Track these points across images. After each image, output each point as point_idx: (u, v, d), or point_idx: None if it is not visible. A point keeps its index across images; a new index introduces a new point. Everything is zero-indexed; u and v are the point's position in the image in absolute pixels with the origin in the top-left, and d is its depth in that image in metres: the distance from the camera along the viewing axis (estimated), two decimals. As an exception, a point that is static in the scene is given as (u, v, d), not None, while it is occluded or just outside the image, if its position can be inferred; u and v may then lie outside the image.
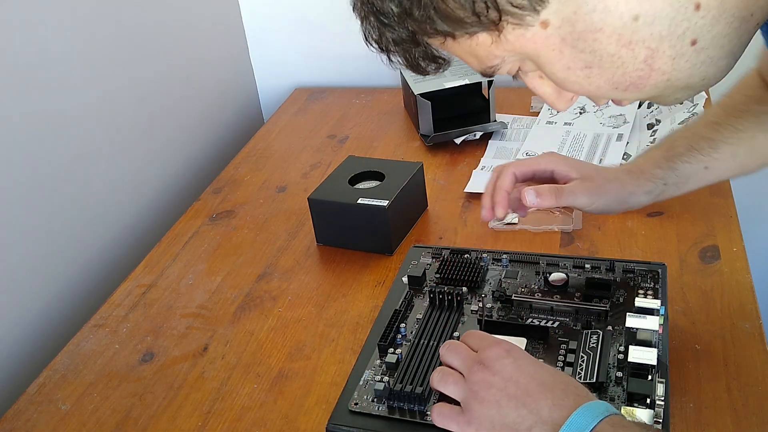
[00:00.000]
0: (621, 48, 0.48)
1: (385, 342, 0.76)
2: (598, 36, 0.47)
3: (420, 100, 1.22)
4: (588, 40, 0.48)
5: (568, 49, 0.49)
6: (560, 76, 0.51)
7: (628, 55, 0.48)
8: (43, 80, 0.98)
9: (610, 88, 0.51)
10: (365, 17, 0.53)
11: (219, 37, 1.46)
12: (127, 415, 0.78)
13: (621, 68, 0.49)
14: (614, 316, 0.76)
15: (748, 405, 0.70)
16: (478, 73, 0.55)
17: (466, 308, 0.80)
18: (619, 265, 0.82)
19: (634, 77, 0.50)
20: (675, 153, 0.79)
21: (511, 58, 0.52)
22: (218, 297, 0.95)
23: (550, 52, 0.50)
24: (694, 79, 0.51)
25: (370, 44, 0.54)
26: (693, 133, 0.79)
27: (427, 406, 0.69)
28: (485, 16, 0.47)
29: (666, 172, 0.79)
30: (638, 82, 0.50)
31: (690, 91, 0.53)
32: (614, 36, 0.47)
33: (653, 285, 0.79)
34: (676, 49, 0.48)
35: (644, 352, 0.68)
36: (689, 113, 1.10)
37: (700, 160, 0.78)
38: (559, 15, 0.47)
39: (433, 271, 0.86)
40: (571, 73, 0.51)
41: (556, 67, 0.51)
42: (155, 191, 1.24)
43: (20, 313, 0.95)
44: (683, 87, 0.52)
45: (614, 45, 0.48)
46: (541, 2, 0.47)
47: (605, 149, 1.16)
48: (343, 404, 0.71)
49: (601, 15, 0.47)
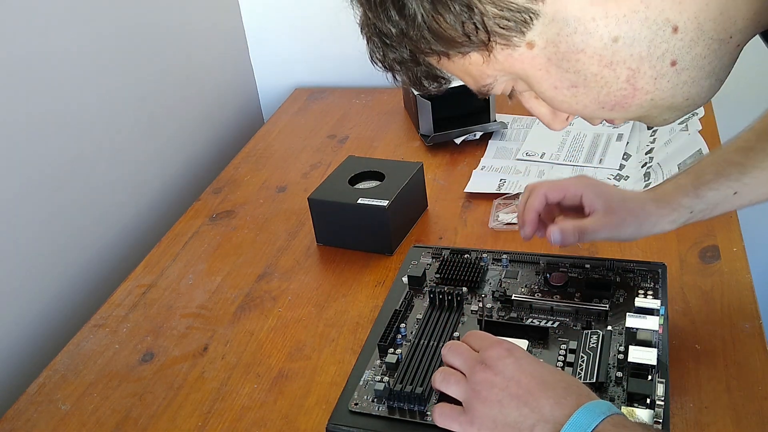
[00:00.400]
0: (603, 68, 0.50)
1: (385, 342, 0.76)
2: (581, 57, 0.50)
3: (420, 100, 1.22)
4: (572, 60, 0.50)
5: (554, 68, 0.51)
6: (549, 94, 0.53)
7: (611, 75, 0.50)
8: (43, 80, 0.98)
9: (597, 107, 0.53)
10: (370, 38, 0.56)
11: (219, 38, 1.46)
12: (127, 415, 0.78)
13: (605, 88, 0.51)
14: (614, 316, 0.76)
15: (748, 405, 0.70)
16: (474, 92, 0.58)
17: (466, 308, 0.80)
18: (618, 265, 0.82)
19: (619, 96, 0.52)
20: (702, 181, 0.77)
21: (503, 77, 0.54)
22: (218, 297, 0.95)
23: (538, 71, 0.52)
24: (678, 99, 0.53)
25: (376, 63, 0.58)
26: (722, 159, 0.78)
27: (427, 406, 0.69)
28: (475, 37, 0.49)
29: (693, 201, 0.77)
30: (623, 101, 0.52)
31: (677, 112, 0.55)
32: (596, 57, 0.49)
33: (653, 285, 0.79)
34: (656, 69, 0.50)
35: (644, 352, 0.68)
36: (690, 113, 1.10)
37: (729, 186, 0.76)
38: (544, 36, 0.49)
39: (433, 271, 0.86)
40: (559, 92, 0.53)
41: (544, 86, 0.53)
42: (155, 191, 1.24)
43: (20, 313, 0.95)
44: (668, 107, 0.54)
45: (596, 65, 0.50)
46: (526, 24, 0.49)
47: (605, 149, 1.16)
48: (343, 404, 0.71)
49: (582, 37, 0.49)
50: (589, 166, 1.12)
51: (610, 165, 1.11)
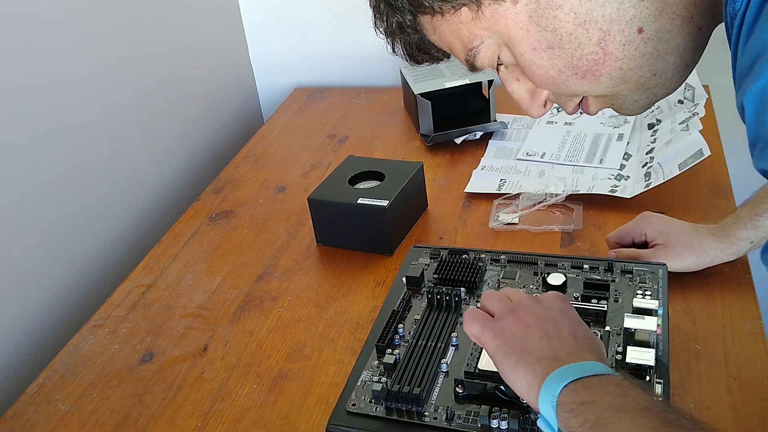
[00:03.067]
0: (577, 27, 0.54)
1: (382, 343, 0.76)
2: (558, 13, 0.54)
3: (420, 100, 1.22)
4: (549, 17, 0.55)
5: (533, 27, 0.56)
6: (528, 57, 0.57)
7: (584, 35, 0.55)
8: (44, 80, 0.98)
9: (571, 73, 0.57)
10: (377, 5, 0.62)
11: (219, 38, 1.46)
12: (126, 416, 0.78)
13: (578, 50, 0.55)
14: (612, 317, 0.76)
15: (748, 405, 0.70)
16: (464, 64, 0.62)
17: (464, 309, 0.80)
18: (617, 266, 0.82)
19: (591, 61, 0.56)
20: (758, 211, 0.81)
21: (489, 40, 0.59)
22: (218, 297, 0.95)
23: (519, 30, 0.57)
24: (645, 73, 0.57)
25: (378, 31, 0.64)
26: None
27: (425, 407, 0.69)
28: None
29: (751, 232, 0.82)
30: (594, 67, 0.56)
31: (646, 93, 0.59)
32: (571, 14, 0.54)
33: (651, 285, 0.79)
34: (624, 34, 0.54)
35: (642, 352, 0.68)
36: (690, 113, 1.10)
37: None
38: None
39: (431, 272, 0.86)
40: (537, 54, 0.57)
41: (524, 46, 0.57)
42: (155, 191, 1.24)
43: (20, 313, 0.95)
44: (637, 84, 0.58)
45: (571, 23, 0.54)
46: None
47: (606, 149, 1.16)
48: (342, 405, 0.70)
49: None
50: (590, 166, 1.12)
51: (610, 165, 1.11)
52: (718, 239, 0.84)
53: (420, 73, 1.29)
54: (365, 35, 0.66)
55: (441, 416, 0.68)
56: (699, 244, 0.84)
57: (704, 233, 0.85)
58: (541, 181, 1.09)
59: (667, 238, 0.86)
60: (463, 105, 1.27)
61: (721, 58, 0.60)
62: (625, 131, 1.19)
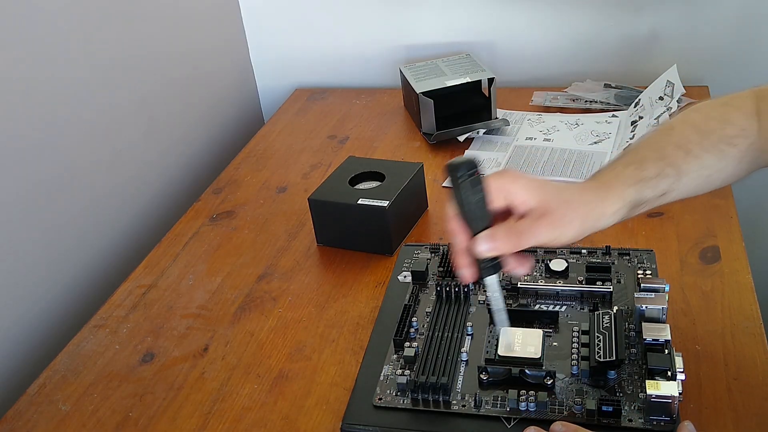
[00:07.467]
0: None
1: (400, 337, 0.77)
2: None
3: (422, 99, 1.22)
4: None
5: None
6: None
7: None
8: (44, 81, 0.98)
9: None
10: None
11: (219, 38, 1.46)
12: (127, 416, 0.78)
13: None
14: (618, 297, 0.78)
15: (748, 405, 0.70)
16: None
17: (473, 299, 0.82)
18: (614, 251, 0.85)
19: None
20: (644, 177, 0.69)
21: None
22: (218, 297, 0.95)
23: None
24: None
25: None
26: (662, 154, 0.70)
27: (451, 395, 0.70)
28: None
29: (634, 195, 0.68)
30: None
31: None
32: None
33: (650, 265, 0.82)
34: None
35: (657, 328, 0.70)
36: (665, 107, 1.11)
37: (664, 190, 0.70)
38: None
39: (434, 266, 0.88)
40: None
41: None
42: (155, 191, 1.24)
43: (20, 314, 0.95)
44: None
45: None
46: None
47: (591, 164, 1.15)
48: (357, 402, 0.71)
49: None
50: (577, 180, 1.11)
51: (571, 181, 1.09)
52: (601, 194, 0.67)
53: (420, 73, 1.30)
54: (366, 36, 0.65)
55: (469, 403, 0.69)
56: (581, 200, 0.66)
57: (581, 189, 0.68)
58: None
59: (542, 199, 0.65)
60: (464, 104, 1.27)
61: (721, 57, 0.60)
62: (606, 148, 1.17)
